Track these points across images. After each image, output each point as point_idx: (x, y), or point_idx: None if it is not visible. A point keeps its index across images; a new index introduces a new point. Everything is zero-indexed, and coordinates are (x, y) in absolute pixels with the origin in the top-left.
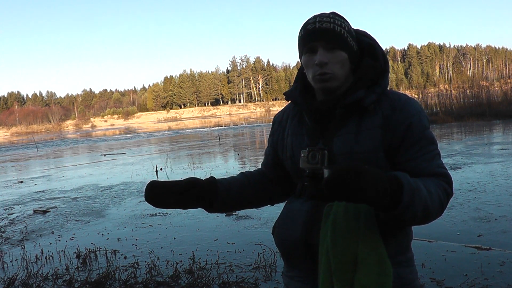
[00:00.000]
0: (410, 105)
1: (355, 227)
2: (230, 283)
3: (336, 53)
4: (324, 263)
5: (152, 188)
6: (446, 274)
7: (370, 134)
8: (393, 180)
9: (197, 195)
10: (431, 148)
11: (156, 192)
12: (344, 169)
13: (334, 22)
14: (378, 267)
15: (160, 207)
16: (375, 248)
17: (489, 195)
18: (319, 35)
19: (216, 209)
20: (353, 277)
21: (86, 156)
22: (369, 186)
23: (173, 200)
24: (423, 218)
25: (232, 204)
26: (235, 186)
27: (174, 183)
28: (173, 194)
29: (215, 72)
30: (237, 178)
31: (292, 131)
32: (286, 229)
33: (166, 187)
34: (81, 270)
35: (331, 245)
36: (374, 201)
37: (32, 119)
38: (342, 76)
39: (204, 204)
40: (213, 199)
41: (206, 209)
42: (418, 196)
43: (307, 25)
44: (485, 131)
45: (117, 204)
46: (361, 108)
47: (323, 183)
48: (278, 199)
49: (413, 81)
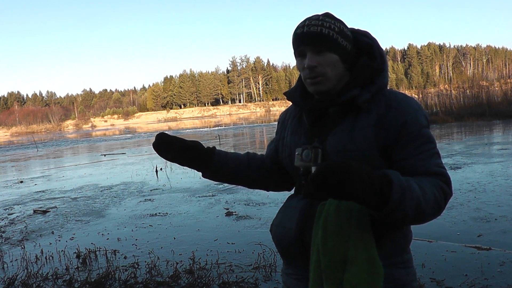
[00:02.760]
0: (406, 104)
1: (346, 226)
2: (230, 283)
3: (325, 56)
4: (315, 261)
5: (160, 138)
6: (446, 274)
7: (363, 133)
8: (382, 178)
9: (191, 158)
10: (428, 147)
11: (162, 142)
12: (329, 165)
13: (322, 25)
14: (368, 267)
15: (161, 156)
16: (366, 248)
17: (489, 195)
18: (306, 39)
19: (208, 176)
20: (343, 276)
21: (86, 156)
22: (354, 182)
23: (171, 155)
24: (417, 218)
25: (223, 177)
26: (232, 163)
27: (179, 141)
28: (173, 150)
29: (215, 72)
30: (238, 156)
31: (291, 130)
32: (282, 227)
33: (170, 142)
34: (81, 270)
35: (322, 243)
36: (360, 198)
37: (32, 119)
38: (334, 78)
39: (197, 168)
40: (205, 167)
41: (200, 172)
42: (409, 194)
43: (297, 29)
44: (485, 131)
45: (117, 204)
46: (356, 107)
47: (309, 179)
48: (274, 188)
49: (413, 81)
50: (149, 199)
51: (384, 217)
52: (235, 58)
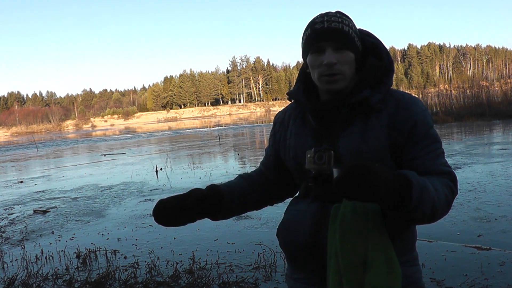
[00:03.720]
0: (415, 104)
1: (364, 227)
2: (230, 283)
3: (344, 54)
4: (333, 264)
5: (161, 210)
6: (446, 274)
7: (376, 133)
8: (402, 178)
9: (204, 208)
10: (436, 146)
11: (166, 213)
12: (354, 167)
13: (343, 22)
14: (388, 268)
15: (171, 226)
16: (384, 249)
17: (489, 195)
18: (328, 35)
19: (221, 218)
20: (363, 278)
21: (86, 156)
22: (381, 184)
23: (183, 218)
24: (432, 216)
25: (235, 211)
26: (237, 192)
27: (183, 199)
28: (184, 211)
29: (215, 72)
30: (237, 183)
31: (295, 131)
32: (292, 231)
33: (176, 207)
34: (81, 270)
35: (340, 246)
36: (385, 199)
37: (32, 119)
38: (350, 77)
39: (211, 215)
40: (218, 210)
41: (211, 218)
42: (426, 194)
43: (314, 24)
44: (485, 131)
45: (117, 204)
46: (366, 108)
47: (334, 182)
48: (277, 199)
49: (413, 81)
50: (149, 199)
51: (402, 216)
52: (235, 58)
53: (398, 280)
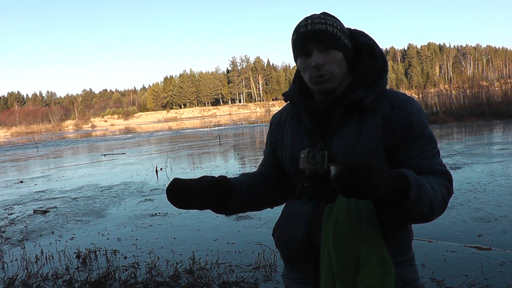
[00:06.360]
0: (410, 104)
1: (357, 227)
2: (230, 283)
3: (332, 54)
4: (326, 264)
5: (176, 186)
6: (446, 274)
7: (370, 134)
8: (400, 177)
9: (216, 194)
10: (431, 146)
11: (180, 192)
12: (356, 164)
13: (326, 23)
14: (381, 267)
15: (181, 205)
16: (377, 248)
17: (489, 195)
18: (312, 37)
19: (229, 210)
20: (356, 278)
21: (86, 156)
22: (381, 182)
23: (196, 200)
24: (429, 215)
25: (240, 204)
26: (244, 186)
27: (197, 180)
28: (198, 194)
29: (215, 72)
30: (242, 179)
31: (291, 131)
32: (287, 231)
33: (190, 186)
34: (81, 270)
35: (333, 245)
36: (384, 197)
37: (32, 119)
38: (340, 76)
39: (221, 203)
40: (229, 198)
41: (219, 208)
42: (424, 193)
43: (299, 28)
44: (485, 131)
45: (117, 204)
46: (360, 108)
47: (333, 178)
48: (279, 201)
49: (413, 81)
50: (149, 199)
51: (400, 215)
52: (235, 58)
53: (391, 280)
